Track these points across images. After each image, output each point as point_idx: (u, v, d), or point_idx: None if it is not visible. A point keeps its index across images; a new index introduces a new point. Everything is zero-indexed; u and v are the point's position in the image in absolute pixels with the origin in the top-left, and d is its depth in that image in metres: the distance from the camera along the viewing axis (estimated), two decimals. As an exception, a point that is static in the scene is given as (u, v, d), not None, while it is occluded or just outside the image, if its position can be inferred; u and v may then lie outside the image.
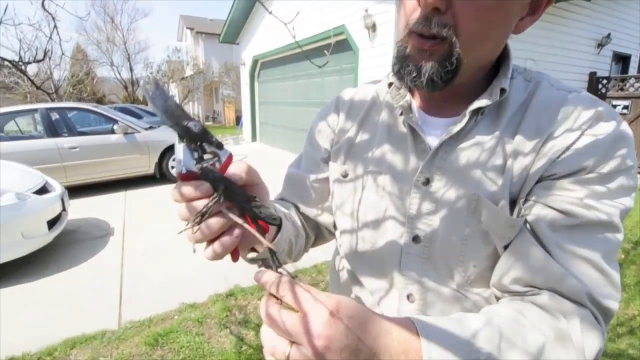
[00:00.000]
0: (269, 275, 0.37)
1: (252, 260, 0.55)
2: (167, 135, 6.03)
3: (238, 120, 14.23)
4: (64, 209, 3.63)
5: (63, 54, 1.55)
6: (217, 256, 0.41)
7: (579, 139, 0.47)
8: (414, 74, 0.49)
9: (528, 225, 0.48)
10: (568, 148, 0.47)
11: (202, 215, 0.38)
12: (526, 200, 0.49)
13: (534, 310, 0.44)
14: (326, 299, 0.34)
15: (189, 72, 21.09)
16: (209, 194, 0.38)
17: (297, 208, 0.72)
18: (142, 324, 2.39)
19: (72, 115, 5.86)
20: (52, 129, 5.25)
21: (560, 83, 0.54)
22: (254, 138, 11.08)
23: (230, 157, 0.41)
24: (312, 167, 0.72)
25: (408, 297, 0.58)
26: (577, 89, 0.52)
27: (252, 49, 9.82)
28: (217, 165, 0.40)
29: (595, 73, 7.10)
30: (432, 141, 0.56)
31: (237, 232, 0.40)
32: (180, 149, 0.37)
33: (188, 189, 0.38)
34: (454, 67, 0.47)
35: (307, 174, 0.71)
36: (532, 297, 0.46)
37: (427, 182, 0.55)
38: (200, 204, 0.38)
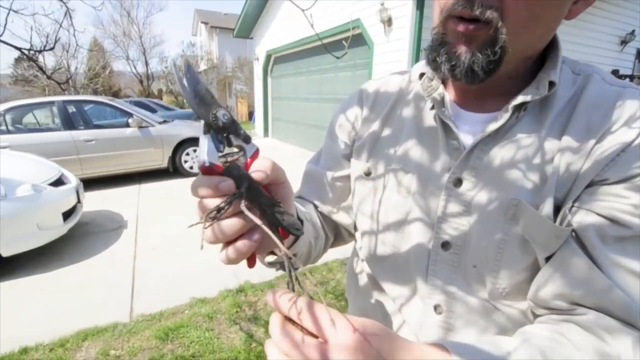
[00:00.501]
0: (284, 296, 0.33)
1: (270, 264, 0.51)
2: (181, 129, 6.05)
3: (251, 115, 14.27)
4: (78, 201, 3.67)
5: (77, 45, 1.55)
6: (232, 261, 0.37)
7: (636, 139, 0.41)
8: (452, 63, 0.44)
9: (574, 234, 0.43)
10: (623, 150, 0.41)
11: (219, 211, 0.34)
12: (572, 207, 0.44)
13: (576, 331, 0.40)
14: (348, 322, 0.30)
15: (203, 66, 21.23)
16: (231, 191, 0.34)
17: (315, 207, 0.68)
18: (153, 318, 2.40)
19: (89, 108, 5.93)
20: (69, 122, 5.32)
21: (613, 77, 0.48)
22: (266, 134, 11.07)
23: (257, 152, 0.38)
24: (331, 163, 0.67)
25: (435, 308, 0.54)
26: (633, 85, 0.47)
27: (266, 43, 9.78)
28: (242, 160, 0.36)
29: (617, 71, 6.87)
30: (466, 138, 0.51)
31: (256, 236, 0.36)
32: (205, 139, 0.34)
33: (209, 184, 0.34)
34: (497, 57, 0.42)
35: (325, 171, 0.67)
36: (574, 316, 0.42)
37: (459, 182, 0.51)
38: (219, 202, 0.34)
